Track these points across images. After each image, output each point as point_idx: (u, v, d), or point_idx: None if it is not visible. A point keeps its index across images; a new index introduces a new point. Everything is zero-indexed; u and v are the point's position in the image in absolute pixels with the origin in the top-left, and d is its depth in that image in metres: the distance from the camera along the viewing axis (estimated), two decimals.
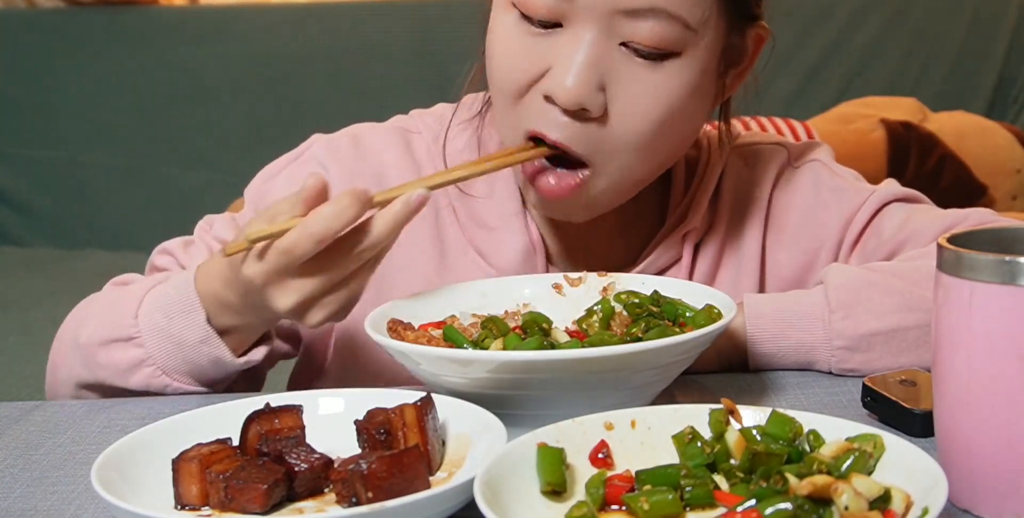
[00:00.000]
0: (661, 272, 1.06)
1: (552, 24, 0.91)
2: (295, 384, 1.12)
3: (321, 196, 0.82)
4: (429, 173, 1.06)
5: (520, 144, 0.96)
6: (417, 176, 1.06)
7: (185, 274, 0.93)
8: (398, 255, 1.03)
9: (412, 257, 1.04)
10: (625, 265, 1.06)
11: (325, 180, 0.82)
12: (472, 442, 0.73)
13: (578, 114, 0.91)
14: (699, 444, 0.68)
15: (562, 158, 0.94)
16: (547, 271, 1.05)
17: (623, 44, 0.91)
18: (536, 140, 0.94)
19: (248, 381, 1.00)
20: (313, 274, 0.82)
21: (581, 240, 1.05)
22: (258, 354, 0.95)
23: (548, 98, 0.92)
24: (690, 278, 1.06)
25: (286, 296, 0.83)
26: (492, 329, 0.85)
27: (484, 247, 1.05)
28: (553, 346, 0.81)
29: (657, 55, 0.91)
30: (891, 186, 1.10)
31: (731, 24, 0.95)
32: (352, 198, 0.81)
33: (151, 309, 0.93)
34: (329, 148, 1.07)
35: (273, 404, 0.74)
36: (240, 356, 0.94)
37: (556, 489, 0.66)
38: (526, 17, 0.92)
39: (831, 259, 1.08)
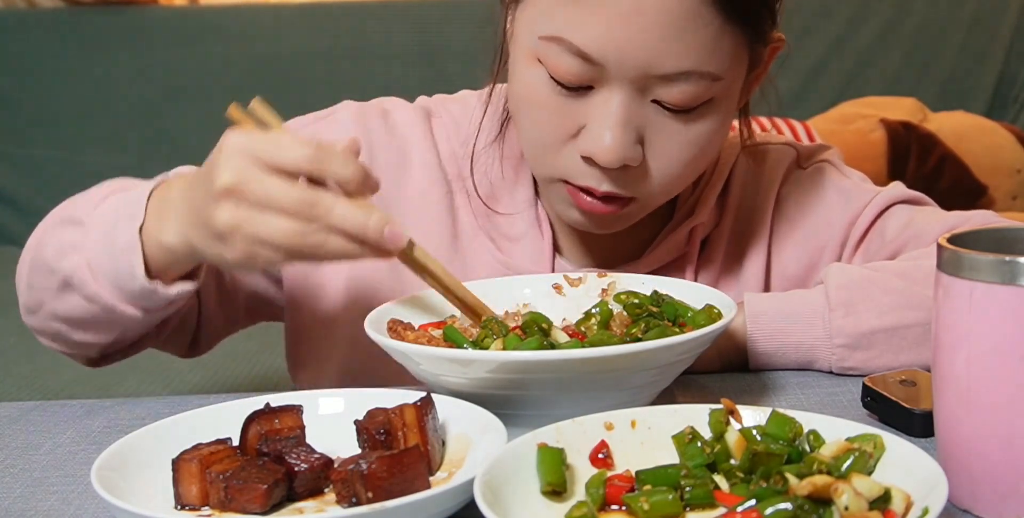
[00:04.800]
0: (667, 266, 1.06)
1: (583, 87, 0.91)
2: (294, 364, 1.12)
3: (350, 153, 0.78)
4: (445, 154, 1.07)
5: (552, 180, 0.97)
6: (435, 156, 1.07)
7: (156, 179, 0.90)
8: (413, 233, 1.03)
9: (426, 236, 1.05)
10: (632, 257, 1.06)
11: (359, 146, 0.79)
12: (472, 442, 0.73)
13: (618, 168, 0.92)
14: (699, 444, 0.68)
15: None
16: (554, 260, 1.05)
17: (655, 100, 0.91)
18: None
19: (185, 334, 0.98)
20: (270, 176, 0.75)
21: (590, 231, 1.05)
22: (173, 289, 0.87)
23: (587, 158, 0.92)
24: (696, 273, 1.06)
25: (228, 171, 0.75)
26: (492, 329, 0.85)
27: (494, 233, 1.06)
28: (553, 346, 0.81)
29: (690, 108, 0.91)
30: (897, 188, 1.11)
31: (753, 52, 0.95)
32: (363, 168, 0.76)
33: (111, 204, 0.90)
34: (358, 115, 1.08)
35: (273, 404, 0.74)
36: (154, 280, 0.86)
37: (556, 489, 0.66)
38: (554, 78, 0.91)
39: (835, 258, 1.09)
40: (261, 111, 0.80)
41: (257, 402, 0.76)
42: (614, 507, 0.65)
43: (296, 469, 0.70)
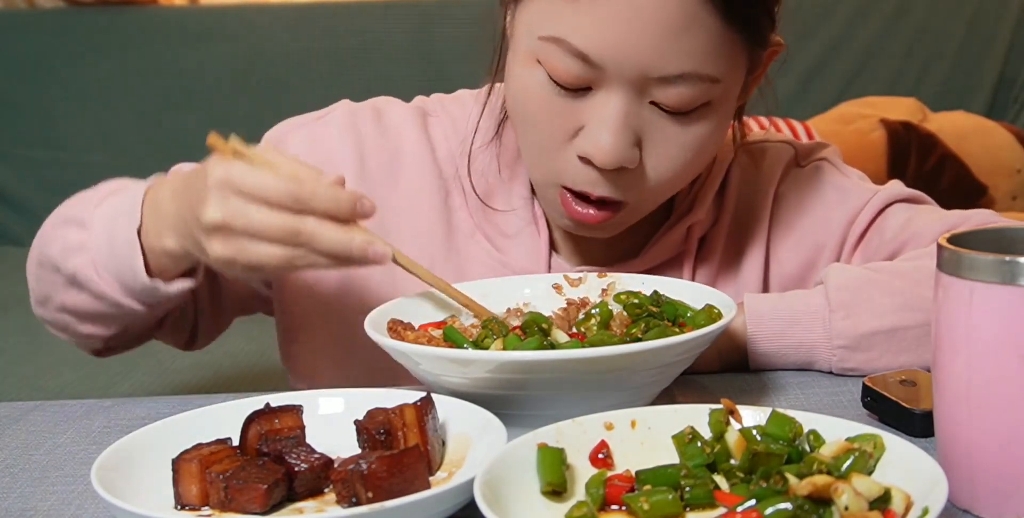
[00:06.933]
0: (665, 263, 1.06)
1: (582, 88, 0.91)
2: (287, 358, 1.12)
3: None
4: (442, 154, 1.08)
5: (549, 187, 0.96)
6: (430, 156, 1.08)
7: (150, 179, 0.94)
8: (407, 233, 1.04)
9: (420, 235, 1.05)
10: (630, 255, 1.06)
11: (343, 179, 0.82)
12: (472, 442, 0.73)
13: (615, 170, 0.92)
14: (699, 444, 0.68)
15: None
16: (550, 258, 1.05)
17: (653, 102, 0.91)
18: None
19: (186, 330, 1.00)
20: (254, 210, 0.79)
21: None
22: (173, 286, 0.91)
23: (584, 159, 0.92)
24: (693, 271, 1.06)
25: (216, 208, 0.80)
26: (492, 329, 0.85)
27: (490, 231, 1.06)
28: (553, 346, 0.81)
29: (688, 110, 0.91)
30: (896, 187, 1.11)
31: (751, 56, 0.95)
32: (351, 199, 0.80)
33: (110, 204, 0.94)
34: (352, 116, 1.08)
35: (273, 404, 0.74)
36: (154, 278, 0.91)
37: (556, 489, 0.66)
38: (553, 79, 0.91)
39: (834, 257, 1.08)
40: (240, 145, 0.83)
41: (257, 402, 0.76)
42: (614, 507, 0.65)
43: (296, 469, 0.70)
